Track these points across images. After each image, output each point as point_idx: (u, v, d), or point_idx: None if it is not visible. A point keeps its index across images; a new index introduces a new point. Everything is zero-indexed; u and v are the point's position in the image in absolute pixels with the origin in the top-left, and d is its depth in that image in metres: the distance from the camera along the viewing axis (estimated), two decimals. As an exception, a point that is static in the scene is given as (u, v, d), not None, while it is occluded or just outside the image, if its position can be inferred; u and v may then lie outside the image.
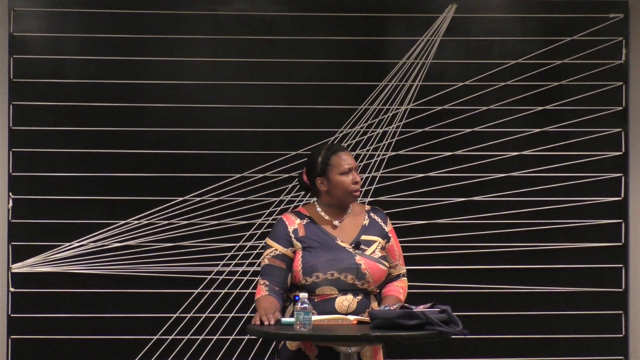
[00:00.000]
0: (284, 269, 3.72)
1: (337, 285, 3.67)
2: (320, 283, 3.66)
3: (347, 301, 3.67)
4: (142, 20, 4.84)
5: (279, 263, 3.73)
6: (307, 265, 3.68)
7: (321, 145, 3.84)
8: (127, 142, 4.82)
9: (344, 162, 3.74)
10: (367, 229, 3.79)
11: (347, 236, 3.76)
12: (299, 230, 3.75)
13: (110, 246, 4.81)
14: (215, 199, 4.84)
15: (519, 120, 4.91)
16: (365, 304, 3.69)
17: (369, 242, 3.77)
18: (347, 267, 3.67)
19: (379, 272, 3.72)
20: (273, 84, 4.87)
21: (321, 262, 3.67)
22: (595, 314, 4.91)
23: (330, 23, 4.89)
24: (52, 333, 4.78)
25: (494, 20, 4.93)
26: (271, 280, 3.71)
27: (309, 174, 3.81)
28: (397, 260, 3.85)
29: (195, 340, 4.80)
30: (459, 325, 3.38)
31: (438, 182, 4.88)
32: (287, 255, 3.73)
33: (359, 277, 3.68)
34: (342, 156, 3.75)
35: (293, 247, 3.74)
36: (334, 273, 3.67)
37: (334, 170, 3.74)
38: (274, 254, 3.74)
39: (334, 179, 3.74)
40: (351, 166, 3.74)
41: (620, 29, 4.93)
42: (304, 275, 3.67)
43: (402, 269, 3.88)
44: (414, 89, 4.89)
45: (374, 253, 3.74)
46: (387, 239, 3.82)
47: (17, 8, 4.82)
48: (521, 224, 4.89)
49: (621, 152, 4.93)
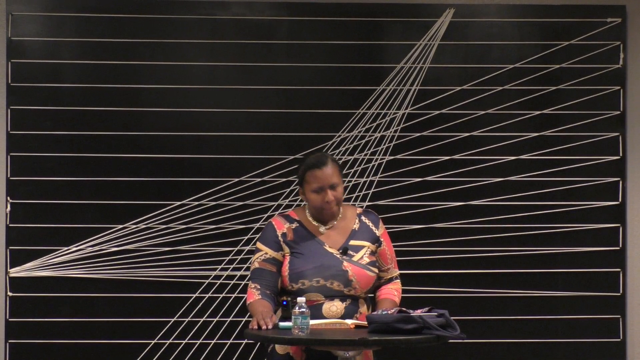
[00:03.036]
0: (275, 273, 3.72)
1: (323, 291, 3.66)
2: (307, 290, 3.66)
3: (334, 307, 3.67)
4: (139, 25, 4.84)
5: (269, 267, 3.72)
6: (294, 272, 3.67)
7: (307, 156, 3.82)
8: (125, 147, 4.82)
9: (315, 180, 3.72)
10: (356, 234, 3.79)
11: (334, 242, 3.75)
12: (288, 234, 3.75)
13: (108, 250, 4.81)
14: (213, 203, 4.84)
15: (517, 125, 4.91)
16: (353, 309, 3.69)
17: (358, 247, 3.76)
18: (334, 274, 3.67)
19: (366, 279, 3.71)
20: (271, 88, 4.87)
21: (308, 268, 3.67)
22: (593, 318, 4.91)
23: (327, 27, 4.89)
24: (50, 337, 4.78)
25: (492, 24, 4.93)
26: (262, 284, 3.71)
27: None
28: (390, 263, 3.85)
29: (193, 344, 4.80)
30: (456, 329, 3.39)
31: (436, 187, 4.88)
32: (277, 258, 3.73)
33: (346, 284, 3.67)
34: (316, 174, 3.72)
35: (282, 251, 3.73)
36: (320, 280, 3.66)
37: (307, 186, 3.74)
38: (264, 258, 3.74)
39: (307, 194, 3.75)
40: (322, 185, 3.71)
41: (617, 33, 4.94)
42: (291, 281, 3.67)
43: (395, 272, 3.88)
44: (411, 93, 4.90)
45: (362, 259, 3.73)
46: (379, 243, 3.82)
47: (14, 12, 4.82)
48: (519, 228, 4.89)
49: (619, 156, 4.93)
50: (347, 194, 4.83)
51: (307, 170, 3.73)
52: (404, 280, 4.01)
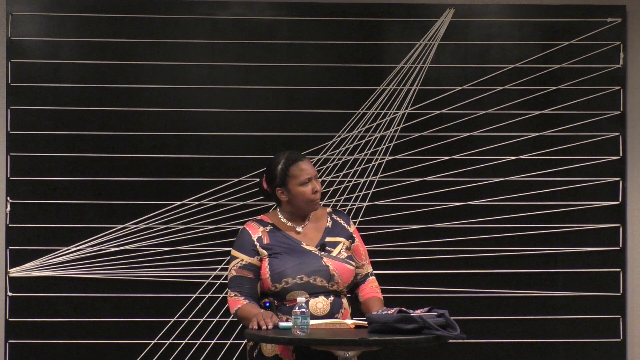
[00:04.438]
0: (252, 279, 3.71)
1: (307, 288, 3.66)
2: (290, 288, 3.65)
3: (320, 303, 3.67)
4: (139, 25, 4.84)
5: (246, 273, 3.71)
6: (275, 272, 3.67)
7: (280, 155, 3.80)
8: (124, 147, 4.82)
9: (303, 172, 3.72)
10: (330, 231, 3.79)
11: (311, 240, 3.75)
12: (263, 238, 3.74)
13: (108, 250, 4.81)
14: (213, 203, 4.84)
15: (517, 125, 4.91)
16: (338, 304, 3.69)
17: (334, 243, 3.77)
18: (315, 270, 3.67)
19: (347, 272, 3.72)
20: (271, 88, 4.87)
21: (289, 267, 3.66)
22: (593, 318, 4.91)
23: (327, 27, 4.89)
24: (49, 337, 4.78)
25: (492, 24, 4.93)
26: (241, 292, 3.70)
27: (269, 183, 3.79)
28: (364, 260, 3.86)
29: (193, 344, 4.80)
30: (456, 329, 3.39)
31: (436, 186, 4.88)
32: (253, 264, 3.72)
33: (329, 279, 3.68)
34: (302, 166, 3.73)
35: (259, 255, 3.72)
36: (303, 277, 3.66)
37: (293, 181, 3.73)
38: (240, 265, 3.73)
39: (294, 189, 3.73)
40: (310, 176, 3.72)
41: (617, 33, 4.94)
42: (273, 282, 3.66)
43: (369, 268, 3.88)
44: (411, 93, 4.90)
45: (340, 254, 3.74)
46: (352, 240, 3.82)
47: (14, 12, 4.82)
48: (519, 228, 4.89)
49: (619, 156, 4.93)
50: (347, 194, 4.84)
51: (290, 165, 3.73)
52: (404, 280, 4.02)
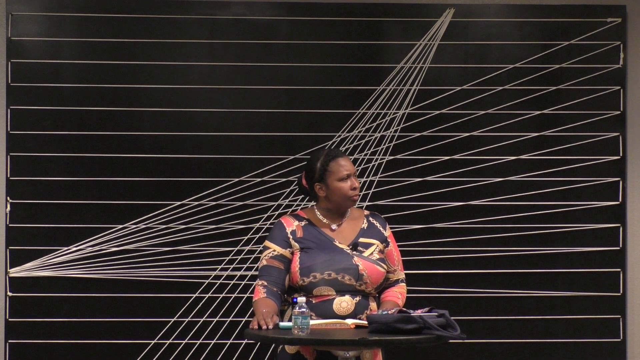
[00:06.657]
0: (282, 270, 3.73)
1: (335, 285, 3.67)
2: (318, 283, 3.66)
3: (345, 302, 3.67)
4: (139, 25, 4.84)
5: (277, 264, 3.73)
6: (304, 266, 3.69)
7: (320, 150, 3.85)
8: (124, 147, 4.82)
9: (342, 168, 3.76)
10: (365, 232, 3.80)
11: (345, 238, 3.77)
12: (297, 232, 3.76)
13: (107, 250, 4.81)
14: (213, 203, 4.84)
15: (517, 125, 4.91)
16: (363, 305, 3.70)
17: (367, 244, 3.78)
18: (344, 268, 3.68)
19: (376, 274, 3.72)
20: (271, 88, 4.87)
21: (318, 262, 3.68)
22: (593, 318, 4.91)
23: (327, 27, 4.89)
24: (50, 337, 4.78)
25: (492, 24, 4.93)
26: (269, 281, 3.72)
27: (308, 179, 3.82)
28: (396, 265, 3.86)
29: (193, 344, 4.80)
30: (456, 329, 3.39)
31: (436, 187, 4.88)
32: (285, 256, 3.74)
33: (357, 278, 3.69)
34: (341, 162, 3.77)
35: (291, 248, 3.75)
36: (332, 273, 3.67)
37: (332, 176, 3.75)
38: (272, 255, 3.75)
39: (333, 185, 3.76)
40: (349, 172, 3.76)
41: (617, 33, 4.94)
42: (302, 275, 3.68)
43: (401, 275, 3.89)
44: (411, 93, 4.90)
45: (372, 255, 3.75)
46: (386, 243, 3.83)
47: (14, 12, 4.82)
48: (519, 228, 4.89)
49: (619, 156, 4.93)
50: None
51: (330, 160, 3.76)
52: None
